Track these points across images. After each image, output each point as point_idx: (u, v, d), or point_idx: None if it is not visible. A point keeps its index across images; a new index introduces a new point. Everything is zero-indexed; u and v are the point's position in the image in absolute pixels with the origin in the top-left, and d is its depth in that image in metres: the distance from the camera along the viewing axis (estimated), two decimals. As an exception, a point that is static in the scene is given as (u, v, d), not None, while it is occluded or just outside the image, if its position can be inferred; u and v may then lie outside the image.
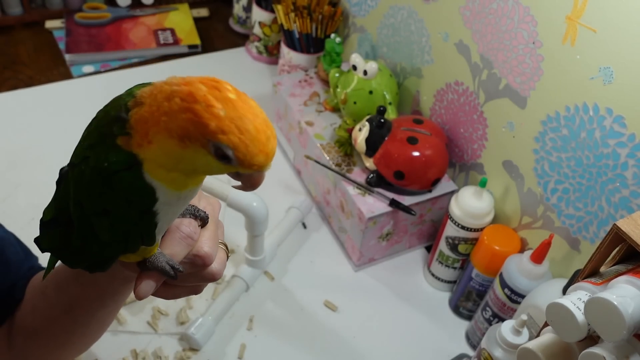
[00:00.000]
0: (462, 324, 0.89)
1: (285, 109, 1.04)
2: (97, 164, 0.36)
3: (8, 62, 1.23)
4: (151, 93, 0.35)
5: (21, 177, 1.00)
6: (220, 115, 0.33)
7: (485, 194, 0.82)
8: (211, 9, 1.48)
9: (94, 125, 0.39)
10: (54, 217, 0.42)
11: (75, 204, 0.39)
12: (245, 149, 0.33)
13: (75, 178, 0.38)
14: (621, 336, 0.44)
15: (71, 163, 0.39)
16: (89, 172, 0.37)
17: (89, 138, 0.39)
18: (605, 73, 0.64)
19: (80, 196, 0.38)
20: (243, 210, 0.78)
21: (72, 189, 0.39)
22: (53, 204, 0.43)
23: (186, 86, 0.34)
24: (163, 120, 0.34)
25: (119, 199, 0.36)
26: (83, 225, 0.39)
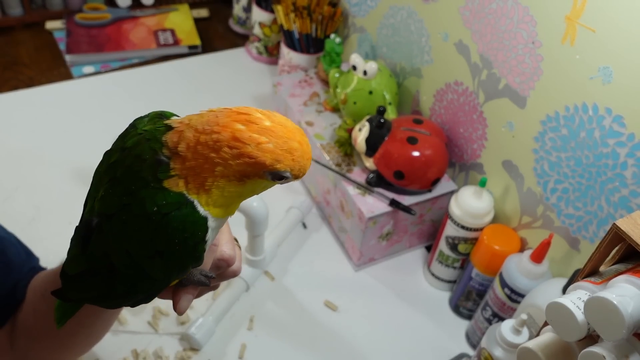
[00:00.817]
0: (462, 324, 0.89)
1: (285, 109, 1.05)
2: (144, 209, 0.35)
3: (8, 62, 1.23)
4: (187, 145, 0.35)
5: (22, 177, 1.01)
6: (270, 148, 0.34)
7: (485, 194, 0.82)
8: (211, 9, 1.48)
9: (122, 172, 0.37)
10: (88, 269, 0.39)
11: (120, 254, 0.37)
12: (299, 165, 0.36)
13: (117, 228, 0.37)
14: (621, 335, 0.44)
15: (102, 214, 0.38)
16: (135, 220, 0.36)
17: (121, 185, 0.37)
18: (605, 73, 0.64)
19: (127, 245, 0.37)
20: (243, 210, 0.78)
21: (114, 240, 0.37)
22: (80, 257, 0.39)
23: (225, 131, 0.35)
24: (219, 170, 0.35)
25: (172, 239, 0.36)
26: (132, 270, 0.38)
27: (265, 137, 0.34)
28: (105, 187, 0.38)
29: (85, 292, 0.41)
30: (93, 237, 0.38)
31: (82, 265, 0.39)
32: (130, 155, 0.37)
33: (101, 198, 0.37)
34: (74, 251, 0.40)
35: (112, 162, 0.38)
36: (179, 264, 0.38)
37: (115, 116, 1.14)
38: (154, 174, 0.36)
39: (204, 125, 0.35)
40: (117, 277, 0.38)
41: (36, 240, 0.91)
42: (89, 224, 0.38)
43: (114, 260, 0.38)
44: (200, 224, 0.37)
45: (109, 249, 0.37)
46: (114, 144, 0.40)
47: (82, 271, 0.40)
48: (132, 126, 0.40)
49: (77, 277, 0.40)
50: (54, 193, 0.98)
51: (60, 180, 1.00)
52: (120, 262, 0.37)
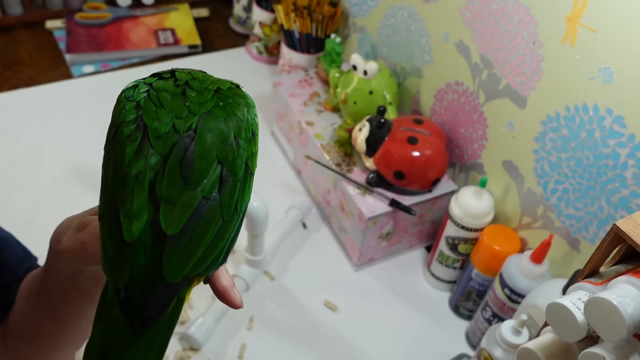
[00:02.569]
0: (462, 324, 0.89)
1: (286, 109, 1.05)
2: (232, 91, 0.39)
3: (8, 62, 1.23)
4: None
5: (22, 177, 1.01)
6: None
7: (485, 194, 0.82)
8: (211, 9, 1.48)
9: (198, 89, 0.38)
10: (200, 203, 0.34)
11: (230, 146, 0.36)
12: None
13: (224, 115, 0.37)
14: (621, 336, 0.44)
15: (197, 121, 0.36)
16: (234, 104, 0.38)
17: (202, 95, 0.38)
18: (605, 73, 0.64)
19: (236, 129, 0.37)
20: (243, 210, 0.78)
21: (222, 129, 0.36)
22: (184, 194, 0.34)
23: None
24: None
25: (253, 116, 0.40)
26: (239, 168, 0.37)
27: None
28: (183, 96, 0.37)
29: (198, 240, 0.34)
30: (196, 147, 0.35)
31: (189, 202, 0.34)
32: (189, 77, 0.39)
33: (187, 107, 0.36)
34: (169, 194, 0.34)
35: (172, 87, 0.38)
36: (257, 144, 0.40)
37: (115, 116, 1.14)
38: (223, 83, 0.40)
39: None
40: (228, 188, 0.35)
41: (36, 240, 0.91)
42: (186, 139, 0.35)
43: (225, 158, 0.35)
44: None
45: (220, 148, 0.35)
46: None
47: (191, 214, 0.34)
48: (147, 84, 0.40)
49: (186, 229, 0.33)
50: (54, 192, 0.98)
51: (60, 179, 1.00)
52: (230, 156, 0.36)
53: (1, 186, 0.98)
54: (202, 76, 0.39)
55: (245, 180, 0.37)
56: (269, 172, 1.07)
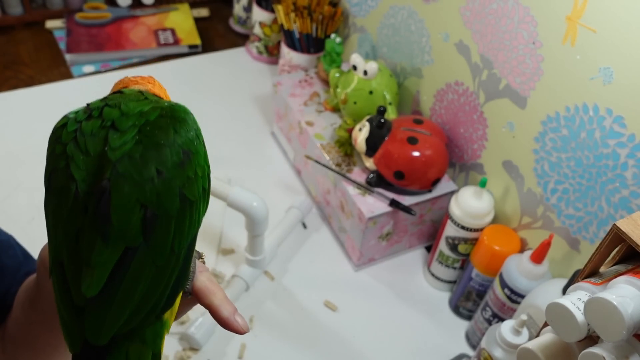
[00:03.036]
0: (462, 324, 0.89)
1: (286, 109, 1.05)
2: (159, 111, 0.35)
3: (9, 61, 1.23)
4: (146, 87, 0.41)
5: (22, 176, 1.01)
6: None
7: (485, 194, 0.82)
8: (211, 9, 1.48)
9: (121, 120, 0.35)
10: (123, 252, 0.32)
11: (151, 182, 0.33)
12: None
13: (146, 155, 0.33)
14: (621, 336, 0.44)
15: (120, 159, 0.33)
16: (156, 130, 0.34)
17: (121, 126, 0.35)
18: (605, 73, 0.64)
19: (157, 163, 0.33)
20: (243, 210, 0.78)
21: (142, 173, 0.32)
22: (102, 250, 0.32)
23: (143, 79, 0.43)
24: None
25: (189, 131, 0.35)
26: (170, 203, 0.33)
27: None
28: (103, 134, 0.34)
29: (124, 301, 0.32)
30: (113, 194, 0.31)
31: (111, 258, 0.31)
32: (112, 107, 0.35)
33: (108, 151, 0.33)
34: (93, 255, 0.31)
35: (91, 127, 0.35)
36: (200, 162, 0.36)
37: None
38: (153, 96, 0.37)
39: (146, 81, 0.40)
40: (159, 231, 0.32)
41: (36, 240, 0.91)
42: (100, 189, 0.31)
43: (148, 198, 0.32)
44: (192, 115, 0.37)
45: (136, 190, 0.32)
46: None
47: (113, 269, 0.31)
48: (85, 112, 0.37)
49: (107, 287, 0.31)
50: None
51: (60, 179, 1.00)
52: (155, 195, 0.32)
53: (1, 186, 0.98)
54: (132, 108, 0.34)
55: (182, 214, 0.33)
56: (269, 172, 1.07)
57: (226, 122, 1.16)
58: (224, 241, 0.95)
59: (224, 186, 0.79)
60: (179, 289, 0.35)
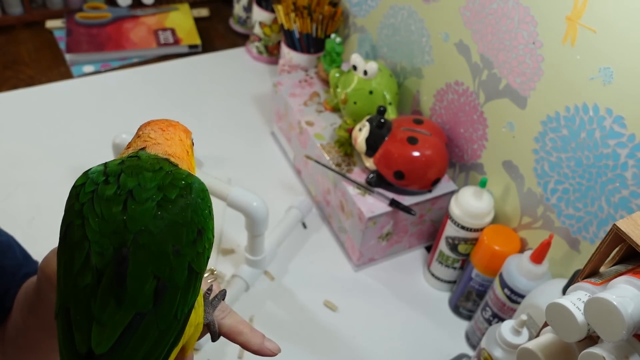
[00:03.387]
0: (461, 324, 0.89)
1: (286, 108, 1.05)
2: (177, 189, 0.37)
3: (9, 61, 1.23)
4: (163, 143, 0.42)
5: (22, 176, 1.00)
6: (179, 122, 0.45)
7: (485, 194, 0.82)
8: (211, 9, 1.48)
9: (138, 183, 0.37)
10: (132, 319, 0.34)
11: (166, 258, 0.35)
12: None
13: (160, 227, 0.36)
14: (621, 336, 0.44)
15: (136, 232, 0.35)
16: (172, 205, 0.36)
17: (139, 199, 0.36)
18: (605, 73, 0.64)
19: (173, 240, 0.36)
20: (243, 210, 0.78)
21: (159, 243, 0.35)
22: (115, 311, 0.34)
23: (175, 122, 0.44)
24: (189, 149, 0.44)
25: (202, 209, 0.38)
26: (180, 273, 0.36)
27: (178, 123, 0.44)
28: (121, 205, 0.36)
29: (132, 358, 0.34)
30: (130, 267, 0.34)
31: (123, 321, 0.34)
32: (128, 176, 0.37)
33: (124, 221, 0.35)
34: (100, 316, 0.34)
35: (110, 194, 0.36)
36: (209, 237, 0.38)
37: (115, 116, 1.14)
38: (172, 166, 0.39)
39: (166, 135, 0.42)
40: (167, 299, 0.35)
41: (36, 240, 0.91)
42: (119, 255, 0.34)
43: (162, 272, 0.35)
44: (206, 190, 0.39)
45: (154, 262, 0.35)
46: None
47: (123, 330, 0.34)
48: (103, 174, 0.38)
49: (114, 348, 0.34)
50: (54, 192, 0.98)
51: (60, 179, 1.00)
52: (168, 267, 0.35)
53: (1, 186, 0.98)
54: (149, 180, 0.36)
55: (189, 285, 0.36)
56: (269, 172, 1.07)
57: (226, 122, 1.16)
58: (224, 241, 0.95)
59: (224, 186, 0.79)
60: (174, 347, 0.37)
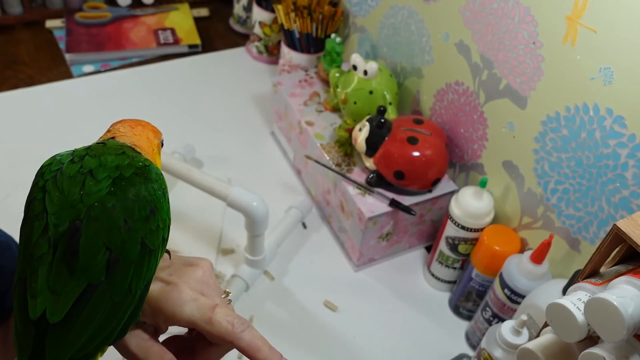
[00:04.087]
0: (461, 324, 0.89)
1: (286, 108, 1.04)
2: (133, 169, 0.40)
3: (8, 61, 1.23)
4: (131, 136, 0.44)
5: (21, 176, 1.00)
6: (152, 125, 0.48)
7: (485, 194, 0.82)
8: (211, 8, 1.48)
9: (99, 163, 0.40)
10: (85, 290, 0.36)
11: (118, 232, 0.37)
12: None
13: (112, 203, 0.38)
14: (621, 336, 0.44)
15: (90, 206, 0.37)
16: (127, 183, 0.39)
17: (96, 178, 0.39)
18: (606, 73, 0.64)
19: (125, 214, 0.38)
20: (243, 210, 0.78)
21: (111, 219, 0.37)
22: (68, 281, 0.36)
23: (146, 123, 0.47)
24: (155, 148, 0.46)
25: (156, 189, 0.40)
26: (133, 247, 0.38)
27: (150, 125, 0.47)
28: (81, 183, 0.38)
29: (81, 330, 0.36)
30: (82, 238, 0.36)
31: (75, 291, 0.36)
32: (92, 158, 0.40)
33: (80, 198, 0.37)
34: (57, 283, 0.36)
35: (73, 172, 0.39)
36: (164, 218, 0.40)
37: (115, 115, 1.14)
38: (134, 152, 0.41)
39: (134, 130, 0.45)
40: (119, 272, 0.37)
41: (36, 240, 0.91)
42: (73, 228, 0.36)
43: (114, 244, 0.37)
44: (162, 176, 0.42)
45: (106, 235, 0.37)
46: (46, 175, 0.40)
47: (75, 300, 0.36)
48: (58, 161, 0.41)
49: (67, 318, 0.35)
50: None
51: (60, 179, 1.00)
52: (120, 240, 0.37)
53: (1, 186, 0.98)
54: (110, 161, 0.39)
55: (142, 260, 0.38)
56: (269, 172, 1.07)
57: (226, 122, 1.16)
58: (224, 241, 0.95)
59: (224, 186, 0.79)
60: (132, 323, 0.39)
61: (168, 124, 1.14)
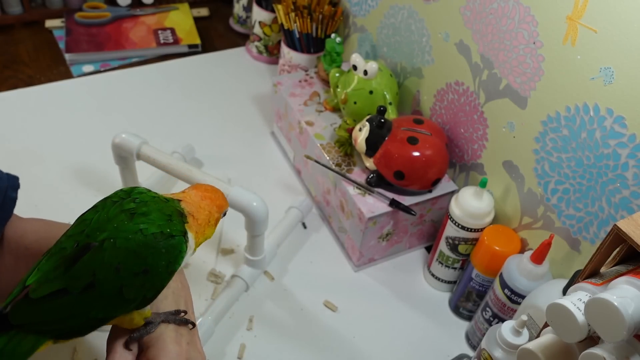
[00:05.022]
0: (462, 325, 0.89)
1: (286, 108, 1.04)
2: (160, 229, 0.47)
3: (8, 61, 1.23)
4: (196, 206, 0.53)
5: (21, 176, 1.00)
6: (224, 202, 0.57)
7: (485, 194, 0.82)
8: (211, 8, 1.48)
9: (153, 207, 0.49)
10: (60, 290, 0.45)
11: (108, 270, 0.45)
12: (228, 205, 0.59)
13: (122, 245, 0.46)
14: (621, 337, 0.44)
15: (108, 237, 0.46)
16: (144, 239, 0.46)
17: (134, 221, 0.48)
18: (606, 73, 0.64)
19: (122, 260, 0.46)
20: (243, 210, 0.78)
21: (111, 256, 0.46)
22: (60, 278, 0.46)
23: (216, 196, 0.56)
24: (212, 221, 0.55)
25: (161, 258, 0.47)
26: (110, 286, 0.46)
27: (223, 198, 0.57)
28: (122, 217, 0.47)
29: (45, 313, 0.45)
30: (86, 256, 0.45)
31: (55, 286, 0.45)
32: (147, 206, 0.49)
33: (113, 228, 0.47)
34: (49, 273, 0.46)
35: (126, 208, 0.48)
36: (154, 284, 0.48)
37: (115, 115, 1.14)
38: (179, 220, 0.50)
39: (202, 203, 0.54)
40: (88, 296, 0.45)
41: (35, 240, 0.91)
42: (86, 247, 0.46)
43: (98, 277, 0.45)
44: (183, 250, 0.49)
45: (98, 267, 0.45)
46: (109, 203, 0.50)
47: (51, 292, 0.45)
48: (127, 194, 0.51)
49: (42, 299, 0.45)
50: (54, 192, 0.98)
51: (59, 179, 1.00)
52: (104, 277, 0.45)
53: (0, 186, 0.98)
54: (151, 219, 0.48)
55: (112, 299, 0.46)
56: (269, 172, 1.07)
57: (226, 122, 1.16)
58: (224, 241, 0.95)
59: (224, 186, 0.79)
60: (76, 336, 0.48)
61: (168, 123, 1.14)
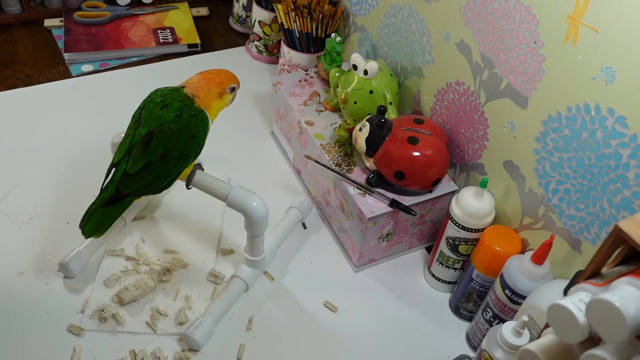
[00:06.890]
0: (462, 325, 0.88)
1: (285, 108, 1.04)
2: (189, 113, 0.75)
3: (7, 60, 1.23)
4: (195, 88, 0.78)
5: (20, 176, 1.00)
6: (229, 78, 0.82)
7: (486, 195, 0.82)
8: (211, 8, 1.48)
9: (167, 101, 0.76)
10: (146, 163, 0.73)
11: (173, 142, 0.73)
12: (238, 82, 0.83)
13: (173, 126, 0.73)
14: (623, 337, 0.44)
15: (162, 123, 0.73)
16: (184, 120, 0.74)
17: (168, 110, 0.75)
18: (607, 73, 0.64)
19: (178, 134, 0.74)
20: (243, 210, 0.78)
21: (170, 134, 0.73)
22: (142, 157, 0.73)
23: (215, 76, 0.81)
24: (212, 94, 0.79)
25: (199, 127, 0.76)
26: (177, 152, 0.74)
27: (225, 76, 0.82)
28: (160, 109, 0.75)
29: (142, 180, 0.73)
30: (154, 139, 0.72)
31: (141, 162, 0.73)
32: (168, 98, 0.76)
33: (158, 117, 0.74)
34: (135, 156, 0.73)
35: (158, 102, 0.76)
36: (199, 143, 0.77)
37: (114, 115, 1.14)
38: (190, 101, 0.77)
39: (200, 83, 0.79)
40: (166, 161, 0.73)
41: (34, 240, 0.91)
42: (151, 132, 0.73)
43: (168, 148, 0.73)
44: (207, 120, 0.78)
45: (165, 142, 0.73)
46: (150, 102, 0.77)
47: (141, 167, 0.73)
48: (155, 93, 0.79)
49: (136, 173, 0.73)
50: (53, 191, 0.98)
51: (58, 178, 1.00)
52: (172, 147, 0.73)
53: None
54: (177, 105, 0.76)
55: (179, 159, 0.75)
56: (269, 172, 1.07)
57: (226, 122, 1.16)
58: (224, 241, 0.95)
59: (224, 186, 0.78)
60: (165, 188, 0.77)
61: (167, 123, 1.14)
